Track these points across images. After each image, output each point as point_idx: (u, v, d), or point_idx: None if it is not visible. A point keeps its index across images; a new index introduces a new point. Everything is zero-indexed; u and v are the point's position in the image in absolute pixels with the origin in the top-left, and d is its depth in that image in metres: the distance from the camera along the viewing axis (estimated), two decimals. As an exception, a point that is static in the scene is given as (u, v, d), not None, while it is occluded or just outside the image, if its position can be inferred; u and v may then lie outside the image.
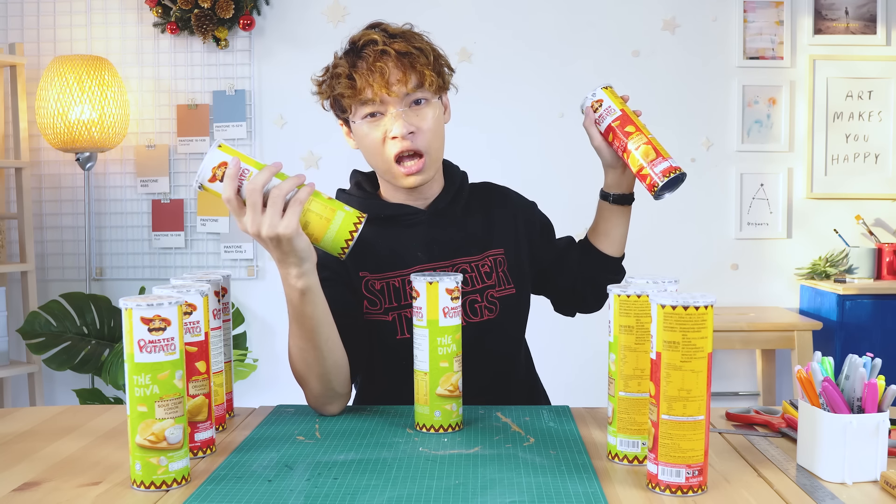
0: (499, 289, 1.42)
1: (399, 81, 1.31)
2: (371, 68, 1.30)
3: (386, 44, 1.31)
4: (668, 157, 1.29)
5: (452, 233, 1.43)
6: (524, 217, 1.52)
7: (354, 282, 1.38)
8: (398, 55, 1.31)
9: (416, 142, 1.34)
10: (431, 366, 1.16)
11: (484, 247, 1.44)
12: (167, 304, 0.93)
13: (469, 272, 1.41)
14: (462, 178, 1.50)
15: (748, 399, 3.40)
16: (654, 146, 1.29)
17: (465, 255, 1.42)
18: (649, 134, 1.31)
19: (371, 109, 1.33)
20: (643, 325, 1.02)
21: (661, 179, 1.27)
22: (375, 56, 1.31)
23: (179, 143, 3.35)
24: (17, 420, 1.27)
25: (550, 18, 3.35)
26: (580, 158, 3.39)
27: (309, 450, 1.09)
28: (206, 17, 3.23)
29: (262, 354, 3.40)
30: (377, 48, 1.31)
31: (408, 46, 1.32)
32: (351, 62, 1.33)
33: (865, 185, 3.36)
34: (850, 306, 3.07)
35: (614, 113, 1.33)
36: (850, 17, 3.33)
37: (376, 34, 1.33)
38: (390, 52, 1.31)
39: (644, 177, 1.29)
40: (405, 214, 1.42)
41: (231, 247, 3.37)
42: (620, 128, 1.32)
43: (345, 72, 1.32)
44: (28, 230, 3.17)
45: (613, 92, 1.36)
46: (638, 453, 1.04)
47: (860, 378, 0.99)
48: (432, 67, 1.34)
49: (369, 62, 1.31)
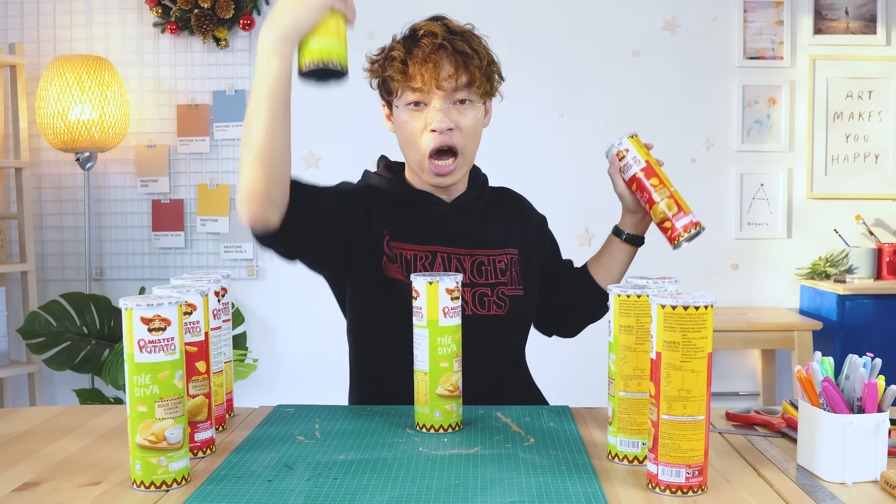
0: (510, 287, 1.44)
1: (450, 77, 1.33)
2: (426, 58, 1.33)
3: (445, 38, 1.34)
4: (689, 211, 1.37)
5: (473, 227, 1.45)
6: (537, 226, 1.56)
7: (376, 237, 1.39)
8: (454, 52, 1.34)
9: (454, 139, 1.36)
10: (431, 366, 1.16)
11: (502, 244, 1.46)
12: (167, 304, 0.93)
13: (485, 265, 1.42)
14: (484, 180, 1.52)
15: (748, 399, 3.40)
16: (676, 200, 1.36)
17: (483, 247, 1.44)
18: (672, 187, 1.37)
19: (416, 98, 1.35)
20: (643, 325, 1.02)
21: (684, 234, 1.35)
22: (432, 48, 1.33)
23: (179, 143, 3.35)
24: (17, 420, 1.27)
25: (550, 18, 3.35)
26: (580, 158, 3.39)
27: (309, 450, 1.09)
28: (206, 17, 3.23)
29: (262, 354, 3.40)
30: (436, 41, 1.33)
31: (465, 46, 1.34)
32: (407, 48, 1.35)
33: (865, 185, 3.36)
34: (850, 306, 3.07)
35: (640, 163, 1.38)
36: (850, 17, 3.33)
37: (438, 27, 1.35)
38: (447, 47, 1.33)
39: (666, 229, 1.37)
40: (430, 203, 1.43)
41: (231, 247, 3.37)
42: (646, 179, 1.38)
43: (399, 56, 1.34)
44: (28, 230, 3.17)
45: (639, 141, 1.41)
46: (638, 453, 1.04)
47: (860, 378, 0.99)
48: (484, 71, 1.36)
49: (425, 52, 1.33)
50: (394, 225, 1.41)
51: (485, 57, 1.37)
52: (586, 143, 3.32)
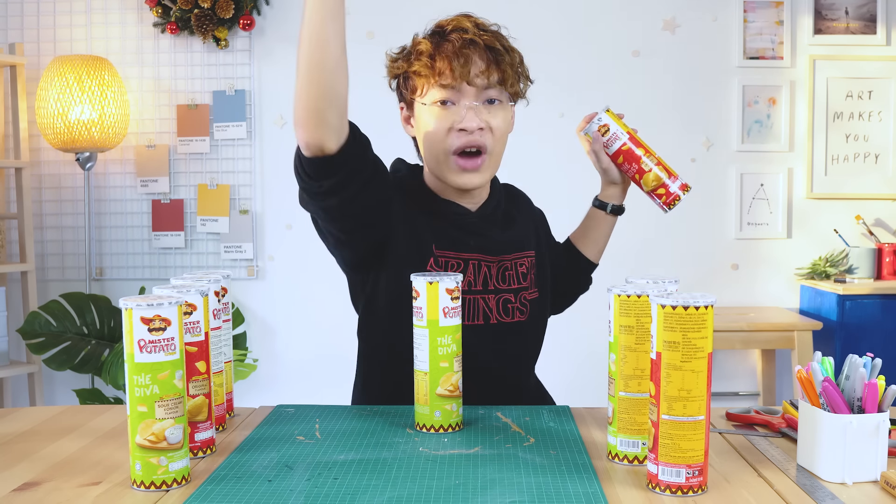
0: (531, 291, 1.42)
1: (482, 73, 1.28)
2: (457, 53, 1.26)
3: (476, 34, 1.28)
4: (677, 174, 1.40)
5: (498, 234, 1.41)
6: (540, 221, 1.56)
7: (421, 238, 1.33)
8: (486, 48, 1.28)
9: (485, 138, 1.30)
10: (431, 366, 1.16)
11: (521, 247, 1.43)
12: (167, 304, 0.93)
13: (509, 270, 1.39)
14: (498, 184, 1.50)
15: (748, 399, 3.40)
16: (664, 165, 1.39)
17: (508, 252, 1.40)
18: (656, 153, 1.40)
19: (445, 96, 1.29)
20: (643, 325, 1.02)
21: (681, 195, 1.39)
22: (463, 43, 1.27)
23: (179, 143, 3.35)
24: (17, 420, 1.27)
25: (550, 18, 3.35)
26: (580, 158, 3.39)
27: (309, 450, 1.09)
28: (206, 17, 3.23)
29: (262, 354, 3.40)
30: (466, 36, 1.27)
31: (497, 42, 1.29)
32: (435, 43, 1.29)
33: (865, 185, 3.36)
34: (850, 306, 3.07)
35: (622, 136, 1.40)
36: (850, 17, 3.33)
37: (468, 22, 1.30)
38: (479, 42, 1.28)
39: (661, 195, 1.39)
40: (457, 214, 1.37)
41: (231, 247, 3.37)
42: (635, 148, 1.40)
43: (427, 50, 1.28)
44: (28, 230, 3.17)
45: (613, 114, 1.42)
46: (638, 453, 1.04)
47: (860, 378, 0.99)
48: (516, 70, 1.31)
49: (456, 47, 1.27)
50: (434, 232, 1.35)
51: (516, 56, 1.33)
52: (586, 143, 3.31)
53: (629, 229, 3.42)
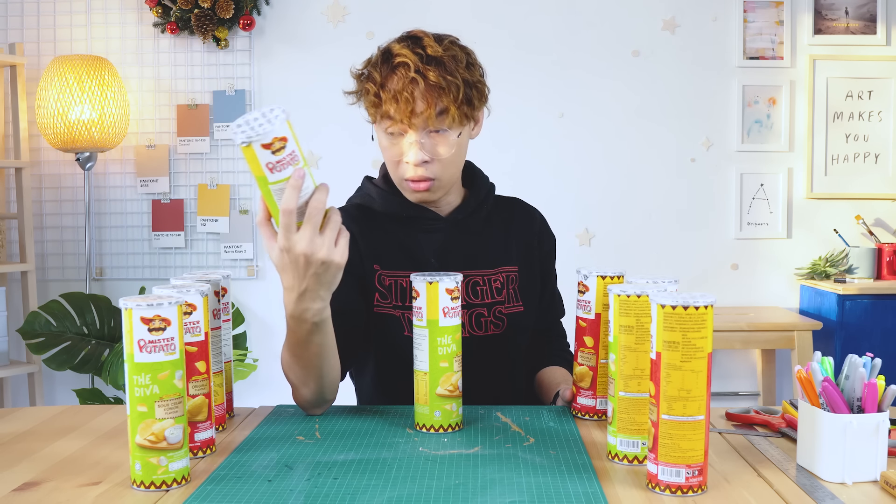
0: (508, 305, 1.43)
1: (422, 112, 1.30)
2: (397, 96, 1.29)
3: (419, 70, 1.29)
4: None
5: (468, 244, 1.43)
6: (548, 246, 1.54)
7: (368, 274, 1.38)
8: (427, 86, 1.29)
9: (430, 170, 1.34)
10: (431, 366, 1.16)
11: (498, 262, 1.44)
12: (167, 304, 0.93)
13: (480, 285, 1.41)
14: (488, 190, 1.50)
15: (748, 399, 3.40)
16: None
17: (478, 267, 1.42)
18: None
19: (392, 128, 1.33)
20: (643, 325, 1.02)
21: None
22: (404, 83, 1.29)
23: (179, 143, 3.35)
24: (17, 420, 1.27)
25: (550, 18, 3.35)
26: (580, 158, 3.39)
27: (309, 450, 1.09)
28: (206, 17, 3.23)
29: (262, 354, 3.40)
30: (409, 73, 1.29)
31: (439, 77, 1.29)
32: (383, 78, 1.32)
33: (865, 185, 3.36)
34: (850, 306, 3.07)
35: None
36: (850, 16, 3.33)
37: (411, 57, 1.29)
38: (419, 81, 1.28)
39: None
40: (425, 219, 1.42)
41: (231, 247, 3.37)
42: None
43: (373, 89, 1.32)
44: (28, 230, 3.17)
45: None
46: (638, 453, 1.04)
47: (860, 378, 0.99)
48: (459, 102, 1.31)
49: (397, 87, 1.29)
50: (385, 254, 1.39)
51: (460, 85, 1.30)
52: (586, 143, 3.32)
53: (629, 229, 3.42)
